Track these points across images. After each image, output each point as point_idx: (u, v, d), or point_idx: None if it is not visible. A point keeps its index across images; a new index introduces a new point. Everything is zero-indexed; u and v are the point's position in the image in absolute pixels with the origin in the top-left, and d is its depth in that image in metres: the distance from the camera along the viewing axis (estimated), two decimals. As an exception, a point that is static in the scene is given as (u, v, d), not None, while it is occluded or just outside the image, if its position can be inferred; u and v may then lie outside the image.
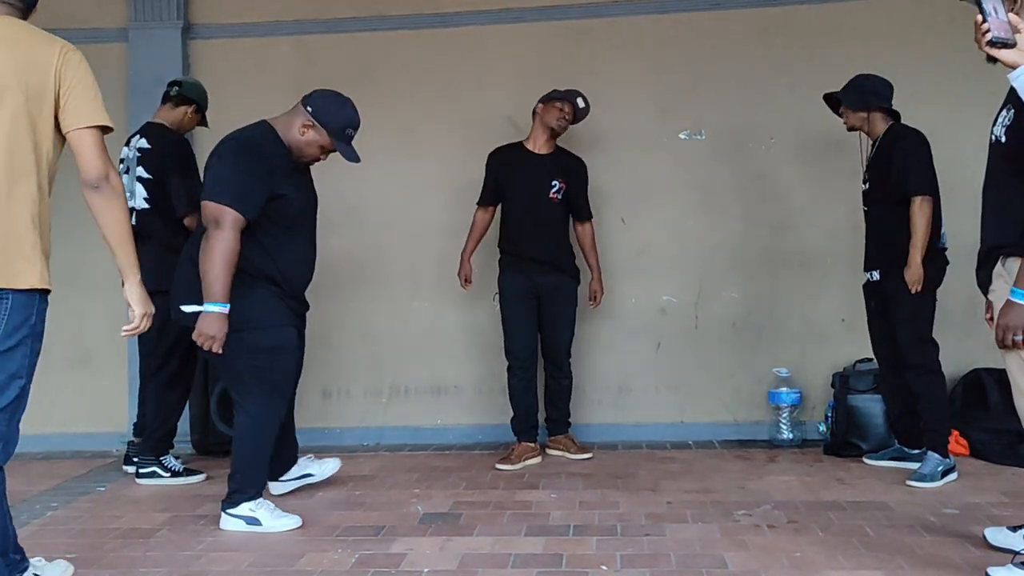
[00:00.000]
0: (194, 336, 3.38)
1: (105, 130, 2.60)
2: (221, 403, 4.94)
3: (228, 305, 3.35)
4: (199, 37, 5.40)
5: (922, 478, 3.94)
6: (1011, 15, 2.53)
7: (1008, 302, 2.70)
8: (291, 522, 3.54)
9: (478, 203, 4.82)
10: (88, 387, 5.33)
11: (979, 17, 2.50)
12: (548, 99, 4.67)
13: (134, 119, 5.26)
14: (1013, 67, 2.55)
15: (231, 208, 3.34)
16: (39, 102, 2.51)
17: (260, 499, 3.59)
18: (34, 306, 2.54)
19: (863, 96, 4.13)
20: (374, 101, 5.04)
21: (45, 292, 2.58)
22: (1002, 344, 2.78)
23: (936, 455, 4.01)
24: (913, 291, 3.97)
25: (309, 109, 3.55)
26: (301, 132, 3.54)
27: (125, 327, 2.79)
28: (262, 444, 3.60)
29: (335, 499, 3.91)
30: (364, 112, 3.84)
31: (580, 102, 4.68)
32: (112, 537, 3.47)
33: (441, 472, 4.45)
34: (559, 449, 4.74)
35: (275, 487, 3.96)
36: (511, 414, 4.76)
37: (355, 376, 5.30)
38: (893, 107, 4.17)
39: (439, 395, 5.33)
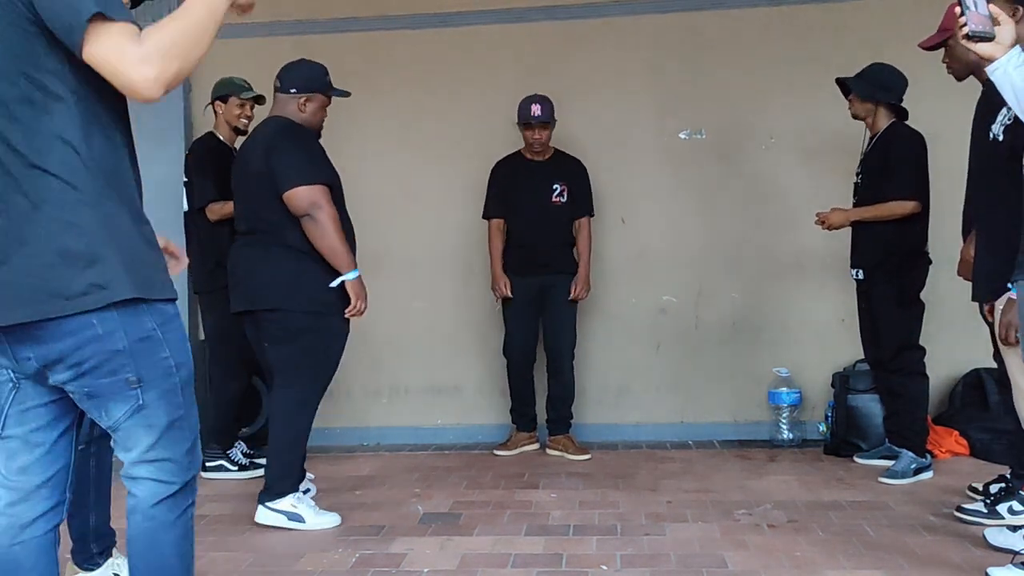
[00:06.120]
0: (353, 302, 3.50)
1: None
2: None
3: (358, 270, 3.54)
4: (199, 37, 5.38)
5: (894, 475, 4.01)
6: (991, 6, 2.55)
7: (1010, 299, 2.70)
8: (332, 519, 3.54)
9: (488, 216, 4.83)
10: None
11: (958, 9, 2.54)
12: (519, 124, 4.72)
13: (134, 119, 5.25)
14: (990, 60, 2.57)
15: (320, 184, 3.44)
16: None
17: (299, 493, 3.54)
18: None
19: (873, 88, 4.12)
20: (374, 101, 5.04)
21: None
22: (1005, 341, 2.78)
23: (911, 453, 4.06)
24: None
25: (293, 90, 3.58)
26: (302, 109, 3.58)
27: None
28: (303, 430, 3.57)
29: (335, 499, 3.90)
30: (365, 111, 3.85)
31: (535, 109, 4.62)
32: (112, 537, 3.46)
33: (441, 472, 4.45)
34: (558, 449, 4.76)
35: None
36: (510, 406, 4.96)
37: (355, 376, 5.28)
38: (903, 104, 4.15)
39: (439, 395, 5.32)
